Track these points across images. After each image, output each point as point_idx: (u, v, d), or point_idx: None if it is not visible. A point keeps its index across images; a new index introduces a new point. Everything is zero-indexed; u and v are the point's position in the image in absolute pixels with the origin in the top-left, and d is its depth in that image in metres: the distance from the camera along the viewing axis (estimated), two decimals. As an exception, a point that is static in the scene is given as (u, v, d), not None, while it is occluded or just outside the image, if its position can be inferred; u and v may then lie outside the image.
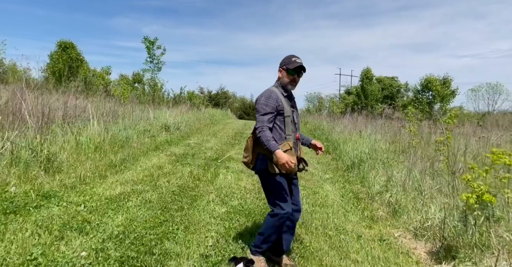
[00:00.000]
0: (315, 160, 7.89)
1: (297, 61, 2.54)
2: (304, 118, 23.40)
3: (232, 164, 6.48)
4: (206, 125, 12.98)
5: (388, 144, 9.30)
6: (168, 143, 7.82)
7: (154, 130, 8.22)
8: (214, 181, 5.11)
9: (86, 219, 3.23)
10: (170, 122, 9.38)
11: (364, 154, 7.26)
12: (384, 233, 3.68)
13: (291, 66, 2.53)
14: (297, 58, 2.57)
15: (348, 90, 34.71)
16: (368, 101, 24.17)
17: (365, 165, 6.65)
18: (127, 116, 8.52)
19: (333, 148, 9.29)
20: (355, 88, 30.48)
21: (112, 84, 15.94)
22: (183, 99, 19.59)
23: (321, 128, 13.56)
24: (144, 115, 9.57)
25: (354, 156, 7.39)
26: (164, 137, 8.33)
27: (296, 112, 2.69)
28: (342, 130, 11.96)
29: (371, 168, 6.43)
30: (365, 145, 8.75)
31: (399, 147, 8.89)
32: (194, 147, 7.93)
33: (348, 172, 6.85)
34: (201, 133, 10.55)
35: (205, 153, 7.38)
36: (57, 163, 4.41)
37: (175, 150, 7.20)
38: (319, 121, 16.06)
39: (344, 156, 7.88)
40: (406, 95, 26.50)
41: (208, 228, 3.38)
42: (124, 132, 6.65)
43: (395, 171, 6.06)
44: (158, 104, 14.98)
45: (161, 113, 10.02)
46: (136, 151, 6.47)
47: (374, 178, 5.82)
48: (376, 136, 11.05)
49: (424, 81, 18.76)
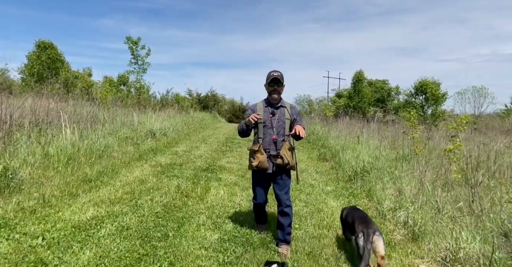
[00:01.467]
0: (313, 169, 7.33)
1: (273, 75, 3.18)
2: (296, 121, 23.00)
3: (224, 175, 5.84)
4: (195, 130, 12.28)
5: (387, 150, 8.85)
6: (153, 151, 7.11)
7: (138, 137, 7.50)
8: (204, 197, 4.47)
9: (41, 258, 2.54)
10: (156, 128, 8.67)
11: (366, 162, 6.74)
12: (406, 264, 3.11)
13: (268, 81, 3.20)
14: (275, 72, 3.21)
15: (338, 93, 34.49)
16: (361, 104, 23.85)
17: (370, 175, 6.12)
18: (109, 121, 7.78)
19: (331, 155, 8.76)
20: (347, 91, 30.27)
21: (95, 86, 15.03)
22: (171, 102, 18.82)
23: (315, 133, 13.04)
24: (128, 120, 8.83)
25: (356, 165, 6.85)
26: (149, 144, 7.62)
27: (276, 118, 3.22)
28: (337, 135, 11.47)
29: (376, 179, 5.90)
30: (365, 151, 8.25)
31: (400, 153, 8.44)
32: (182, 155, 7.25)
33: (351, 183, 6.30)
34: (190, 139, 9.86)
35: (194, 162, 6.72)
36: (16, 181, 3.68)
37: (161, 159, 6.51)
38: (312, 126, 15.55)
39: (344, 164, 7.34)
40: (396, 99, 26.40)
41: (198, 264, 2.75)
42: (104, 140, 5.94)
43: (404, 182, 5.55)
44: (144, 107, 14.21)
45: (146, 117, 9.26)
46: (117, 162, 5.76)
47: (383, 191, 5.29)
48: (373, 141, 10.61)
49: (418, 84, 18.46)
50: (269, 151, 3.19)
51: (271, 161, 3.18)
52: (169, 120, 10.93)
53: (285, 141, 3.22)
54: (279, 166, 3.15)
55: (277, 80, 3.17)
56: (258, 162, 3.13)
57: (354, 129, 12.31)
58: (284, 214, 3.21)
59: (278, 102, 3.27)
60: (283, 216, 3.21)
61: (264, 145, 3.20)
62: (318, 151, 9.77)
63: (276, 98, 3.24)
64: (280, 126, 3.22)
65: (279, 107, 3.26)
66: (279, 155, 3.15)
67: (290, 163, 3.17)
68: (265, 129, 3.21)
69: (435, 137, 10.37)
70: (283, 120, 3.23)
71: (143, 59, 15.51)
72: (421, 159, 7.17)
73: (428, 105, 17.83)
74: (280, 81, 3.18)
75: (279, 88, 3.21)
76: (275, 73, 3.19)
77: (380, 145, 10.09)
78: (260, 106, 3.26)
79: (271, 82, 3.19)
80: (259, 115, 3.04)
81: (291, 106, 3.36)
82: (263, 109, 3.23)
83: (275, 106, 3.25)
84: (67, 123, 5.60)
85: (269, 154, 3.18)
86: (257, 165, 3.14)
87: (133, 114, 8.83)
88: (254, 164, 3.15)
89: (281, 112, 3.25)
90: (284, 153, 3.15)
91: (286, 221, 3.21)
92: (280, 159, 3.14)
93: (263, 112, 3.20)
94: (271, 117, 3.21)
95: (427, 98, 17.82)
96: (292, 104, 3.42)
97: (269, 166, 3.17)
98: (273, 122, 3.20)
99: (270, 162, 3.18)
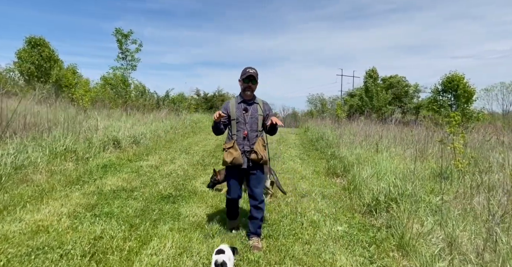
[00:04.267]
0: (319, 191, 5.47)
1: (249, 72, 3.19)
2: (305, 123, 20.89)
3: (189, 207, 4.09)
4: (183, 135, 10.55)
5: (417, 163, 6.89)
6: (105, 168, 5.39)
7: (91, 148, 5.80)
8: (131, 262, 2.69)
9: None
10: (123, 135, 6.95)
11: (392, 185, 4.83)
12: None
13: (244, 77, 3.21)
14: (250, 69, 3.22)
15: (351, 92, 32.26)
16: (375, 103, 21.67)
17: (399, 207, 4.22)
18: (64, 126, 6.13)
19: (343, 168, 6.87)
20: (357, 90, 28.08)
21: (79, 85, 13.53)
22: (168, 103, 17.21)
23: (324, 138, 11.12)
24: (93, 125, 7.17)
25: (377, 188, 4.95)
26: (105, 158, 5.91)
27: (249, 114, 3.24)
28: (351, 140, 9.52)
29: (410, 213, 4.00)
30: (387, 165, 6.33)
31: (434, 166, 6.48)
32: (145, 173, 5.52)
33: (371, 217, 4.43)
34: (170, 148, 8.12)
35: (157, 184, 4.98)
36: None
37: (109, 182, 4.78)
38: (321, 128, 13.62)
39: (360, 185, 5.45)
40: (416, 97, 24.06)
41: None
42: (21, 155, 4.24)
43: (452, 218, 3.67)
44: (132, 109, 12.62)
45: (111, 122, 7.56)
46: (32, 189, 4.03)
47: (423, 239, 3.42)
48: (396, 148, 8.63)
49: (446, 79, 15.90)
50: (243, 147, 3.23)
51: (246, 156, 3.23)
52: (151, 124, 9.24)
53: (258, 136, 3.28)
54: (253, 161, 3.22)
55: (252, 77, 3.22)
56: (232, 157, 3.17)
57: (371, 133, 10.34)
58: (258, 208, 3.29)
59: (251, 99, 3.31)
60: (257, 209, 3.30)
61: (238, 141, 3.23)
62: (327, 162, 7.88)
63: (250, 95, 3.28)
64: (253, 122, 3.25)
65: (252, 104, 3.30)
66: (253, 150, 3.21)
67: (263, 157, 3.23)
68: (238, 125, 3.24)
69: (474, 144, 8.27)
70: (256, 116, 3.27)
71: (133, 55, 13.87)
72: (468, 179, 5.23)
73: (458, 104, 15.28)
74: (255, 78, 3.23)
75: (253, 86, 3.26)
76: (251, 70, 3.21)
77: (403, 153, 8.15)
78: (232, 104, 3.30)
79: (246, 79, 3.22)
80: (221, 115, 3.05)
81: (264, 103, 3.39)
82: (236, 106, 3.27)
83: (248, 102, 3.29)
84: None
85: (243, 150, 3.23)
86: (231, 160, 3.17)
87: (97, 119, 7.13)
88: (228, 160, 3.18)
89: (254, 108, 3.29)
90: (258, 148, 3.21)
91: (259, 215, 3.30)
92: (254, 154, 3.19)
93: (236, 108, 3.25)
94: (244, 114, 3.24)
95: (458, 95, 15.24)
96: (264, 101, 3.42)
97: (243, 161, 3.22)
98: (246, 118, 3.24)
99: (245, 157, 3.23)
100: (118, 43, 13.52)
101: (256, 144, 3.20)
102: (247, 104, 3.26)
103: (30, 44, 19.21)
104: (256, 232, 3.30)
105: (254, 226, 3.30)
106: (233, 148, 3.18)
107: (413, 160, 6.85)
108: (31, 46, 19.23)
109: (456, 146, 5.66)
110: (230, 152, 3.17)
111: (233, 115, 3.22)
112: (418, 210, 4.17)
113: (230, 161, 3.15)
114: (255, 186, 3.27)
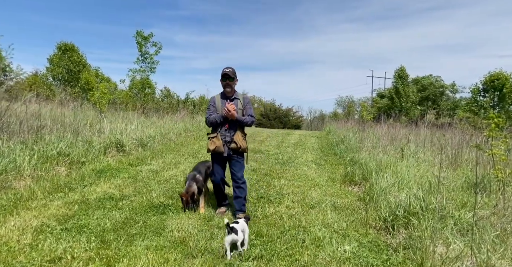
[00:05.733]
0: (331, 202, 4.85)
1: (225, 71, 3.74)
2: (328, 124, 19.93)
3: (178, 218, 3.70)
4: (196, 138, 10.25)
5: (448, 171, 6.04)
6: (99, 174, 5.11)
7: (90, 151, 5.58)
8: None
9: None
10: (128, 138, 6.72)
11: (414, 197, 4.13)
12: None
13: (221, 76, 3.77)
14: (227, 68, 3.77)
15: (381, 93, 30.73)
16: (405, 104, 20.31)
17: (421, 224, 3.54)
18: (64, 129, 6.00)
19: (361, 176, 6.18)
20: (388, 91, 26.61)
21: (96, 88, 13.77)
22: (187, 105, 17.16)
23: (345, 141, 10.37)
24: (100, 127, 7.03)
25: (395, 200, 4.27)
26: (104, 162, 5.66)
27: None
28: (374, 145, 8.73)
29: (434, 232, 3.32)
30: (411, 173, 5.59)
31: (468, 175, 5.63)
32: (142, 179, 5.21)
33: (387, 233, 3.79)
34: (178, 151, 7.81)
35: (151, 191, 4.63)
36: None
37: (99, 189, 4.48)
38: (344, 131, 12.82)
39: (378, 195, 4.77)
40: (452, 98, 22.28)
41: None
42: (4, 160, 4.03)
43: (489, 247, 2.97)
44: (151, 111, 12.61)
45: (116, 123, 7.37)
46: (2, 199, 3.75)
47: (447, 264, 2.76)
48: (425, 154, 7.75)
49: (489, 78, 14.21)
50: (224, 137, 3.78)
51: (227, 146, 3.78)
52: (162, 127, 9.03)
53: (238, 128, 3.81)
54: (233, 150, 3.79)
55: (227, 76, 3.73)
56: (215, 146, 3.74)
57: (398, 137, 9.46)
58: (240, 188, 3.87)
59: (232, 95, 3.83)
60: (239, 189, 3.87)
61: (221, 132, 3.79)
62: (345, 168, 7.20)
63: (229, 91, 3.81)
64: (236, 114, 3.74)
65: (233, 99, 3.81)
66: (233, 141, 3.76)
67: (242, 146, 3.79)
68: None
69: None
70: (236, 111, 3.72)
71: (152, 57, 13.92)
72: (509, 191, 4.41)
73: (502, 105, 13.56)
74: (230, 76, 3.73)
75: (230, 83, 3.78)
76: (226, 70, 3.74)
77: (432, 159, 7.27)
78: (218, 99, 3.84)
79: (223, 77, 3.76)
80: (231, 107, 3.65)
81: (244, 97, 3.91)
82: (220, 101, 3.81)
83: (230, 98, 3.81)
84: None
85: (225, 140, 3.77)
86: (213, 149, 3.75)
87: (103, 120, 6.98)
88: (211, 148, 3.77)
89: (235, 103, 3.77)
90: (237, 138, 3.77)
91: (242, 194, 3.88)
92: (234, 144, 3.75)
93: (220, 104, 3.79)
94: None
95: (503, 95, 13.51)
96: (244, 95, 3.95)
97: (224, 150, 3.77)
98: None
99: (226, 147, 3.78)
100: (138, 46, 13.63)
101: (236, 135, 3.78)
102: (229, 99, 3.80)
103: (61, 50, 20.06)
104: (241, 209, 3.89)
105: (239, 204, 3.88)
106: (216, 137, 3.77)
107: (443, 167, 6.03)
108: (61, 52, 20.08)
109: (496, 152, 4.80)
110: (214, 141, 3.76)
111: (218, 109, 3.79)
112: (444, 228, 3.48)
113: (213, 149, 3.76)
114: (235, 170, 3.87)
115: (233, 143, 3.73)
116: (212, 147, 3.73)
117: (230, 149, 3.76)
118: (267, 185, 5.48)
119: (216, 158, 3.86)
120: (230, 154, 3.77)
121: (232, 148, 3.75)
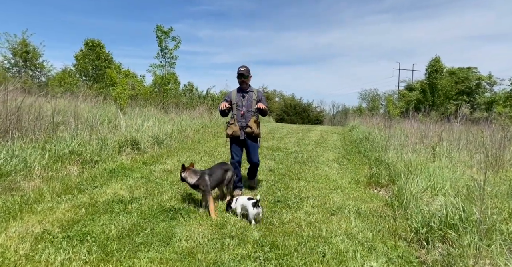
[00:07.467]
0: (354, 207, 4.43)
1: (240, 70, 4.47)
2: (351, 120, 19.09)
3: (188, 225, 3.45)
4: (213, 135, 10.03)
5: (484, 172, 5.40)
6: (111, 173, 4.95)
7: (103, 149, 5.45)
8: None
9: None
10: (143, 135, 6.56)
11: (452, 207, 3.64)
12: None
13: (237, 74, 4.49)
14: (241, 67, 4.50)
15: (410, 85, 29.19)
16: (437, 99, 19.07)
17: (460, 238, 3.08)
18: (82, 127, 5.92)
19: (388, 177, 5.69)
20: (419, 83, 25.14)
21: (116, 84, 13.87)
22: (207, 101, 17.03)
23: (370, 138, 9.77)
24: (117, 124, 6.92)
25: (429, 210, 3.79)
26: (118, 161, 5.52)
27: (246, 99, 4.52)
28: (402, 143, 8.12)
29: (478, 250, 2.85)
30: (446, 177, 5.04)
31: None
32: (155, 179, 5.02)
33: (420, 246, 3.35)
34: (195, 149, 7.60)
35: (162, 193, 4.43)
36: None
37: (110, 190, 4.31)
38: (369, 128, 12.16)
39: (408, 201, 4.30)
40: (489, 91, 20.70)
41: None
42: (14, 159, 3.94)
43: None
44: (171, 107, 12.54)
45: (132, 120, 7.22)
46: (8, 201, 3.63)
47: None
48: (460, 153, 7.09)
49: None
50: (241, 123, 4.52)
51: (243, 130, 4.51)
52: (180, 124, 8.87)
53: (252, 115, 4.53)
54: (248, 134, 4.52)
55: (242, 75, 4.46)
56: (232, 131, 4.49)
57: (429, 134, 8.76)
58: (253, 168, 4.85)
59: (247, 89, 4.59)
60: (253, 168, 4.85)
61: (238, 119, 4.53)
62: (369, 168, 6.70)
63: (245, 87, 4.57)
64: (248, 105, 4.53)
65: (248, 92, 4.58)
66: (247, 126, 4.48)
67: (255, 131, 4.50)
68: (237, 107, 4.52)
69: None
70: (250, 101, 4.53)
71: (171, 52, 13.83)
72: None
73: None
74: (245, 74, 4.47)
75: (245, 80, 4.52)
76: (241, 68, 4.47)
77: (469, 160, 6.61)
78: (234, 93, 4.59)
79: (239, 76, 4.48)
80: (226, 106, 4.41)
81: (258, 91, 4.66)
82: (236, 94, 4.58)
83: (245, 91, 4.57)
84: None
85: (241, 126, 4.52)
86: (231, 133, 4.50)
87: (120, 117, 6.87)
88: (229, 132, 4.52)
89: (249, 95, 4.56)
90: (251, 124, 4.48)
91: (254, 172, 4.92)
92: (249, 128, 4.47)
93: (236, 96, 4.56)
94: (242, 99, 4.53)
95: None
96: (258, 89, 4.70)
97: (241, 134, 4.52)
98: (243, 102, 4.52)
99: (242, 131, 4.52)
100: (158, 40, 13.56)
101: (250, 122, 4.49)
102: (244, 93, 4.56)
103: (87, 46, 20.49)
104: (253, 178, 4.97)
105: (252, 176, 4.95)
106: (233, 124, 4.50)
107: (482, 169, 5.41)
108: (87, 48, 20.51)
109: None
110: (231, 127, 4.50)
111: (234, 100, 4.53)
112: (491, 245, 3.00)
113: (231, 133, 4.49)
114: (251, 152, 4.62)
115: (248, 127, 4.45)
116: (230, 132, 4.47)
117: (246, 133, 4.48)
118: (285, 187, 5.13)
119: (234, 142, 4.58)
120: (245, 137, 4.49)
121: (247, 132, 4.46)
